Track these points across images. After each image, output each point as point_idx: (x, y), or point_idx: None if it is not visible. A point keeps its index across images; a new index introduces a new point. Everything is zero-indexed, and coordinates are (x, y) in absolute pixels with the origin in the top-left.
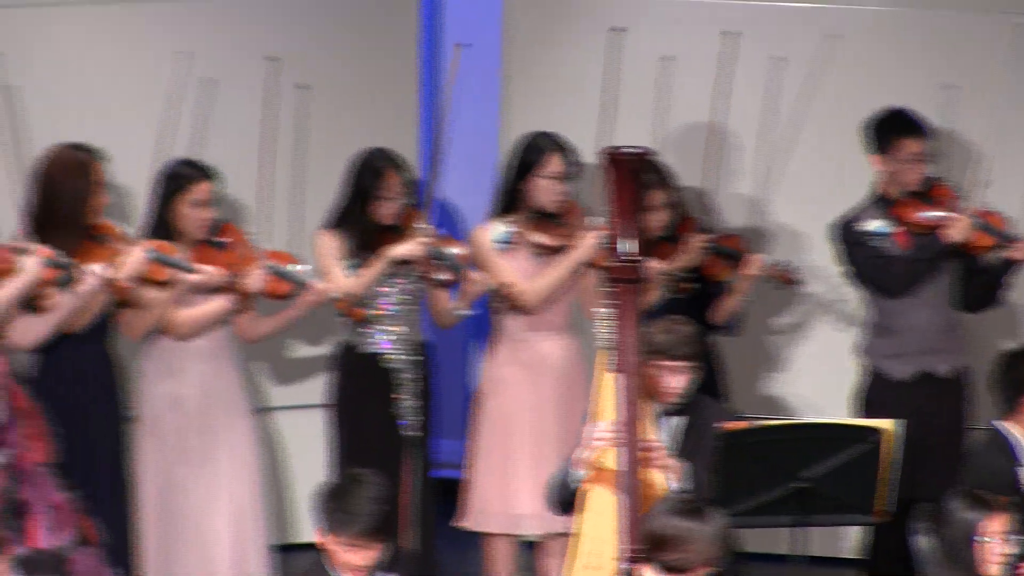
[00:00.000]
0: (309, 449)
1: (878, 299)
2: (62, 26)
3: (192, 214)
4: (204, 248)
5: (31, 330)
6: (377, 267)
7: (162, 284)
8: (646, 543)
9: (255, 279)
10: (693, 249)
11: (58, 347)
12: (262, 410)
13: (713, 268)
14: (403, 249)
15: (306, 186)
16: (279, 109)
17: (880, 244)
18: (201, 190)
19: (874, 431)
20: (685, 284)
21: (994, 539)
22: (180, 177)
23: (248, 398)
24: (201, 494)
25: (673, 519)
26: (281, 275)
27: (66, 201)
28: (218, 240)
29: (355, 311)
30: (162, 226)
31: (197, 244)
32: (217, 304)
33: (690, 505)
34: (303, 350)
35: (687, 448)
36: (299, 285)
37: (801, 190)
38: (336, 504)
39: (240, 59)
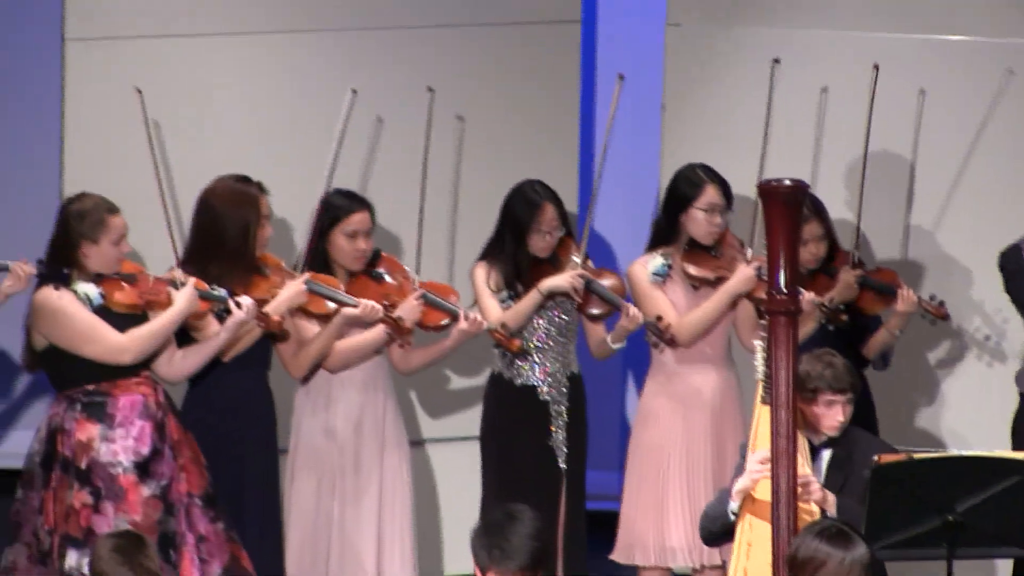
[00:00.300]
0: (462, 481)
1: None
2: (200, 58)
3: (347, 245)
4: (361, 279)
5: (184, 361)
6: (531, 299)
7: (322, 317)
8: (787, 565)
9: (410, 309)
10: (846, 283)
11: (213, 376)
12: (417, 442)
13: (865, 302)
14: (557, 281)
15: (463, 217)
16: (436, 140)
17: None
18: (356, 221)
19: None
20: (843, 316)
21: None
22: (336, 207)
23: (402, 429)
24: (351, 525)
25: (811, 541)
26: (435, 305)
27: (233, 233)
28: (376, 271)
29: (511, 342)
30: (319, 257)
31: (354, 275)
32: (371, 335)
33: (831, 530)
34: (458, 382)
35: (840, 480)
36: (454, 316)
37: (959, 224)
38: (492, 540)
39: (398, 89)
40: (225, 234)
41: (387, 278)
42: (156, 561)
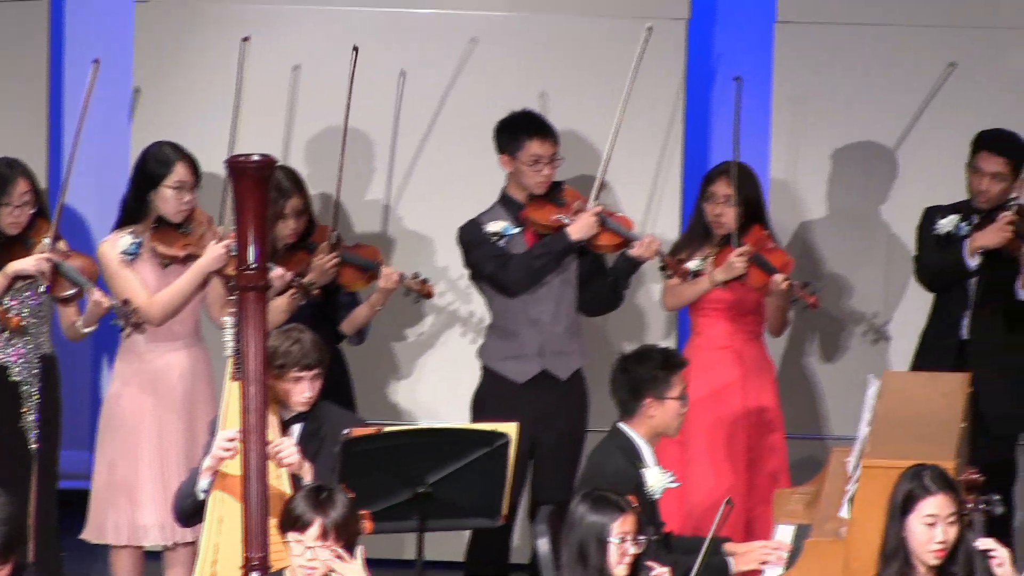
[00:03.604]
0: None
1: (498, 300)
2: None
3: None
4: None
5: None
6: None
7: None
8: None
9: None
10: (327, 261)
11: None
12: None
13: (347, 278)
14: (23, 264)
15: None
16: None
17: (506, 245)
18: None
19: (500, 435)
20: (317, 291)
21: (623, 539)
22: None
23: None
24: None
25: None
26: None
27: None
28: None
29: (11, 319)
30: None
31: None
32: None
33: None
34: None
35: (312, 454)
36: None
37: (432, 197)
38: None
39: None
40: None
41: None
42: None
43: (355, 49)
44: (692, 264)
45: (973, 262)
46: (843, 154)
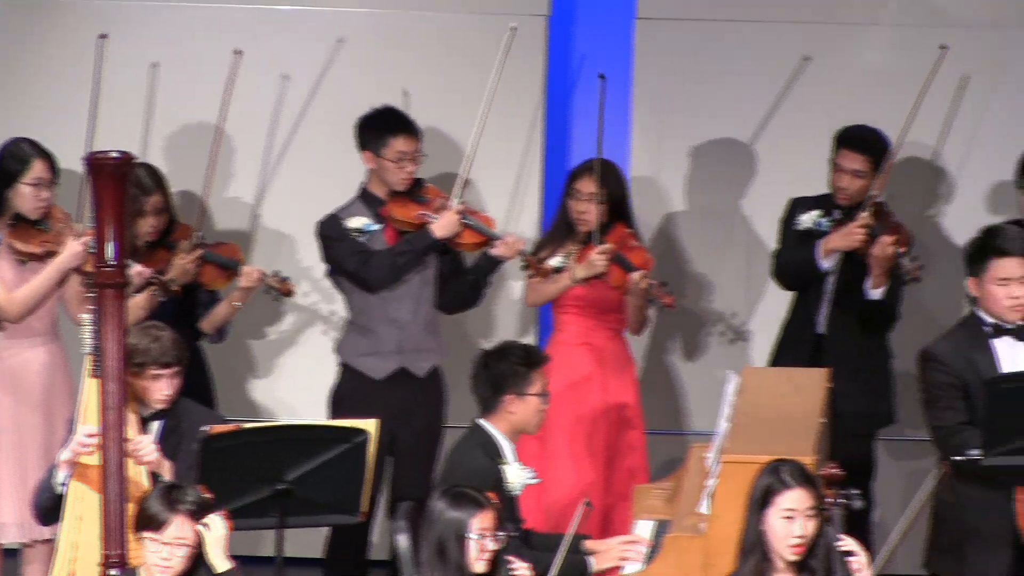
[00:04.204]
0: None
1: (357, 297)
2: None
3: None
4: None
5: None
6: None
7: None
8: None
9: None
10: (187, 260)
11: None
12: None
13: (208, 277)
14: None
15: None
16: None
17: (367, 241)
18: None
19: (359, 431)
20: (176, 288)
21: (482, 535)
22: None
23: None
24: None
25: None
26: None
27: None
28: None
29: None
30: None
31: None
32: None
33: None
34: None
35: (169, 451)
36: None
37: (295, 195)
38: None
39: None
40: None
41: None
42: None
43: (237, 52)
44: (555, 261)
45: (827, 263)
46: (703, 150)
